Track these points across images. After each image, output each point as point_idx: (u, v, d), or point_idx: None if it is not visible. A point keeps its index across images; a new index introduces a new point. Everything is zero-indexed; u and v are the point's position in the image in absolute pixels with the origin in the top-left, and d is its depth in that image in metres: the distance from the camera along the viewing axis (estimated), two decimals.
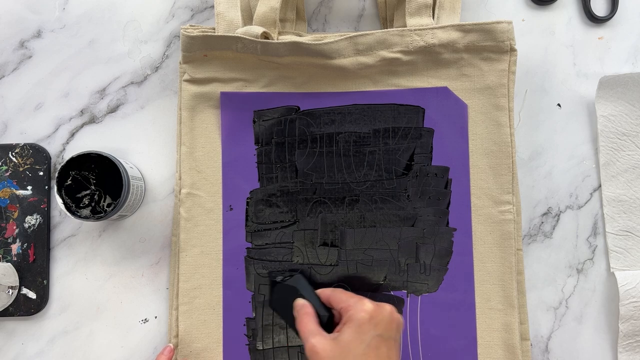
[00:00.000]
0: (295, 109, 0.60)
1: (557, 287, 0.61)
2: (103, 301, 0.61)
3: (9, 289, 0.59)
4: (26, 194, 0.61)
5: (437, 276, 0.59)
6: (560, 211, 0.62)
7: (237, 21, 0.58)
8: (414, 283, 0.59)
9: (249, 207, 0.59)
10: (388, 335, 0.50)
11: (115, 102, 0.63)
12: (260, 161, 0.60)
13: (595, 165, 0.63)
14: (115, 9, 0.64)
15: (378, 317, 0.50)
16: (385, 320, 0.50)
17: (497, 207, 0.58)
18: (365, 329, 0.49)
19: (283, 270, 0.59)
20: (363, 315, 0.50)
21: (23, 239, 0.61)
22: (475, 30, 0.58)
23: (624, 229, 0.61)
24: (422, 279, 0.59)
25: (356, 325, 0.49)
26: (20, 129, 0.63)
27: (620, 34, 0.64)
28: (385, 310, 0.51)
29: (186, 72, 0.59)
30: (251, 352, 0.58)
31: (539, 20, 0.64)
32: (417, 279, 0.59)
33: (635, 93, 0.61)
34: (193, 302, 0.58)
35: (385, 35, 0.58)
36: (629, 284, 0.59)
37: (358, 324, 0.49)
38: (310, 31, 0.64)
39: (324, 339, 0.50)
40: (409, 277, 0.59)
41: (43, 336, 0.61)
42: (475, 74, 0.59)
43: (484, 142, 0.59)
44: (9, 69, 0.63)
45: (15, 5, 0.64)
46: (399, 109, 0.59)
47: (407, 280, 0.59)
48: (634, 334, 0.60)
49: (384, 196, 0.59)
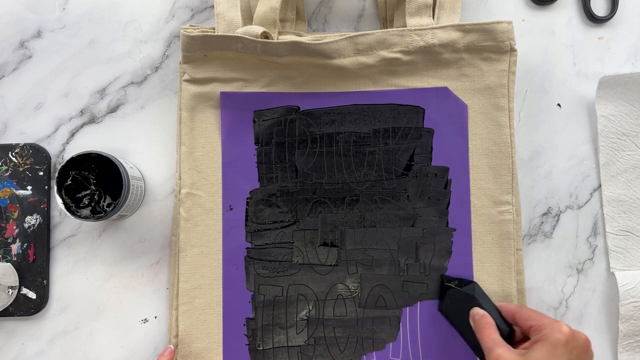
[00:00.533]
0: (295, 109, 0.60)
1: (557, 287, 0.61)
2: (103, 301, 0.61)
3: (9, 289, 0.59)
4: (26, 194, 0.61)
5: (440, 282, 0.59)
6: (560, 211, 0.62)
7: (237, 21, 0.58)
8: (414, 283, 0.59)
9: (249, 207, 0.59)
10: None
11: (115, 102, 0.63)
12: (260, 161, 0.60)
13: (595, 165, 0.63)
14: (115, 9, 0.64)
15: (574, 343, 0.48)
16: (580, 348, 0.48)
17: (497, 207, 0.58)
18: (560, 352, 0.47)
19: (454, 277, 0.58)
20: (560, 337, 0.47)
21: (23, 239, 0.61)
22: (475, 30, 0.58)
23: (624, 229, 0.61)
24: (422, 279, 0.59)
25: (551, 346, 0.47)
26: (20, 129, 0.63)
27: (620, 34, 0.64)
28: (581, 338, 0.49)
29: (186, 72, 0.59)
30: (251, 352, 0.59)
31: (539, 20, 0.64)
32: (417, 279, 0.59)
33: (635, 93, 0.61)
34: (193, 302, 0.58)
35: (385, 35, 0.58)
36: (628, 284, 0.59)
37: (553, 344, 0.47)
38: (310, 31, 0.64)
39: (511, 352, 0.48)
40: (408, 277, 0.59)
41: (43, 336, 0.61)
42: (475, 74, 0.59)
43: (483, 142, 0.59)
44: (9, 69, 0.63)
45: (15, 5, 0.64)
46: (399, 109, 0.59)
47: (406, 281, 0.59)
48: (634, 334, 0.60)
49: (383, 196, 0.59)
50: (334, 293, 0.59)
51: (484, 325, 0.51)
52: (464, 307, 0.54)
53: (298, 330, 0.59)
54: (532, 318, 0.50)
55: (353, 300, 0.59)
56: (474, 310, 0.53)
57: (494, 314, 0.53)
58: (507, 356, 0.47)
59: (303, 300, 0.59)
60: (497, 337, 0.50)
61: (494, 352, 0.48)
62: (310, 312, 0.59)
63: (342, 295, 0.59)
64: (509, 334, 0.52)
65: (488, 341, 0.49)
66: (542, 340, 0.48)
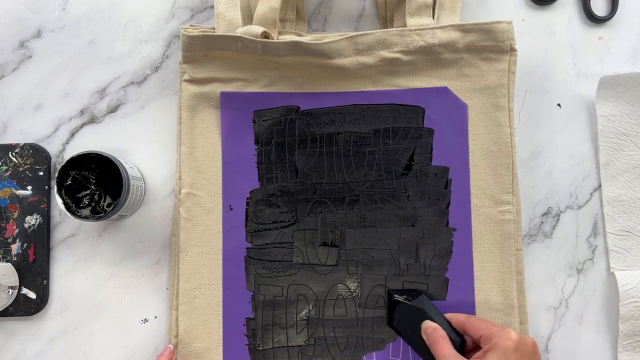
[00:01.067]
0: (295, 109, 0.60)
1: (557, 287, 0.61)
2: (103, 301, 0.61)
3: (9, 289, 0.59)
4: (26, 194, 0.61)
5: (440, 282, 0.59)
6: (560, 211, 0.62)
7: (237, 21, 0.58)
8: (414, 283, 0.59)
9: (249, 207, 0.59)
10: None
11: (115, 102, 0.63)
12: (260, 161, 0.60)
13: (595, 165, 0.63)
14: (115, 9, 0.64)
15: (523, 348, 0.50)
16: (529, 352, 0.50)
17: (497, 207, 0.58)
18: (511, 359, 0.49)
19: (402, 289, 0.58)
20: (510, 344, 0.49)
21: (23, 239, 0.61)
22: (475, 30, 0.58)
23: (624, 229, 0.61)
24: (422, 279, 0.59)
25: (502, 354, 0.49)
26: (20, 129, 0.63)
27: (620, 34, 0.64)
28: (529, 342, 0.51)
29: (186, 72, 0.59)
30: (251, 352, 0.58)
31: (539, 20, 0.64)
32: (417, 279, 0.59)
33: (635, 93, 0.61)
34: (193, 302, 0.58)
35: (385, 35, 0.58)
36: (629, 284, 0.59)
37: (504, 352, 0.49)
38: (310, 31, 0.64)
39: None
40: (408, 278, 0.59)
41: (43, 336, 0.61)
42: (475, 74, 0.59)
43: (484, 142, 0.59)
44: (9, 69, 0.63)
45: (15, 5, 0.64)
46: (399, 109, 0.59)
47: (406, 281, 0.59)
48: (634, 334, 0.60)
49: (384, 196, 0.59)
50: (334, 293, 0.59)
51: (437, 338, 0.52)
52: (415, 321, 0.55)
53: (298, 330, 0.59)
54: (482, 327, 0.52)
55: (353, 300, 0.59)
56: (426, 323, 0.54)
57: (444, 325, 0.54)
58: None
59: (303, 300, 0.59)
60: (450, 350, 0.51)
61: None
62: (310, 312, 0.59)
63: (342, 295, 0.59)
64: (461, 344, 0.53)
65: (443, 354, 0.51)
66: (493, 349, 0.49)
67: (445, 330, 0.53)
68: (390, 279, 0.59)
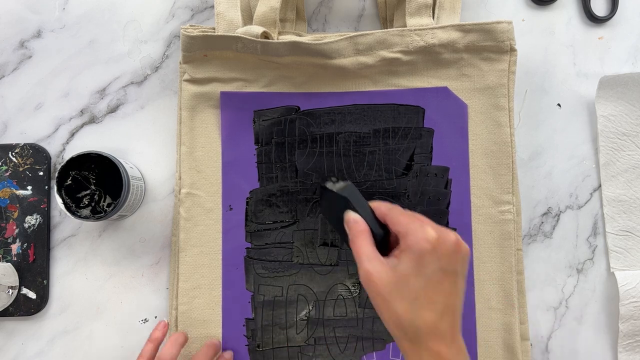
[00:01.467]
0: (295, 109, 0.60)
1: (557, 287, 0.61)
2: (103, 301, 0.61)
3: (9, 289, 0.59)
4: (26, 194, 0.61)
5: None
6: (560, 211, 0.62)
7: (237, 21, 0.58)
8: None
9: (249, 207, 0.59)
10: (452, 268, 0.45)
11: (115, 102, 0.63)
12: (260, 161, 0.60)
13: (595, 165, 0.63)
14: (115, 9, 0.64)
15: (441, 249, 0.44)
16: (449, 252, 0.44)
17: (497, 207, 0.58)
18: (427, 261, 0.44)
19: (337, 178, 0.54)
20: (425, 246, 0.44)
21: (23, 239, 0.61)
22: (475, 30, 0.58)
23: (624, 229, 0.61)
24: None
25: (417, 256, 0.44)
26: (20, 129, 0.63)
27: (620, 34, 0.64)
28: (449, 241, 0.45)
29: (186, 72, 0.59)
30: (251, 353, 0.58)
31: (539, 20, 0.64)
32: None
33: (636, 93, 0.61)
34: (193, 302, 0.58)
35: (385, 35, 0.58)
36: (629, 284, 0.59)
37: (419, 254, 0.44)
38: (310, 31, 0.64)
39: (381, 266, 0.45)
40: None
41: (43, 336, 0.61)
42: (475, 74, 0.59)
43: (484, 142, 0.59)
44: (9, 69, 0.63)
45: (15, 5, 0.64)
46: (399, 109, 0.59)
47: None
48: (634, 334, 0.60)
49: (384, 196, 0.59)
50: (334, 293, 0.59)
51: (356, 234, 0.47)
52: (339, 209, 0.50)
53: (298, 330, 0.59)
54: (400, 223, 0.46)
55: (353, 300, 0.59)
56: (348, 215, 0.49)
57: (367, 217, 0.48)
58: (377, 272, 0.44)
59: (303, 301, 0.59)
60: (368, 249, 0.46)
61: (364, 266, 0.45)
62: (310, 312, 0.59)
63: (342, 296, 0.59)
64: (384, 237, 0.48)
65: (359, 254, 0.46)
66: (409, 250, 0.44)
67: (369, 221, 0.48)
68: None
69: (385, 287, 0.44)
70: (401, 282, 0.44)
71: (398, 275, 0.44)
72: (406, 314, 0.43)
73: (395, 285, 0.44)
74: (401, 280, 0.44)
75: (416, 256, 0.44)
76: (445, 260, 0.44)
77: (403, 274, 0.44)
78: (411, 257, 0.44)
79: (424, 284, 0.44)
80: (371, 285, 0.44)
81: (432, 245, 0.44)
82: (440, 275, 0.44)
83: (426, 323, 0.43)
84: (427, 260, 0.44)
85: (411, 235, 0.45)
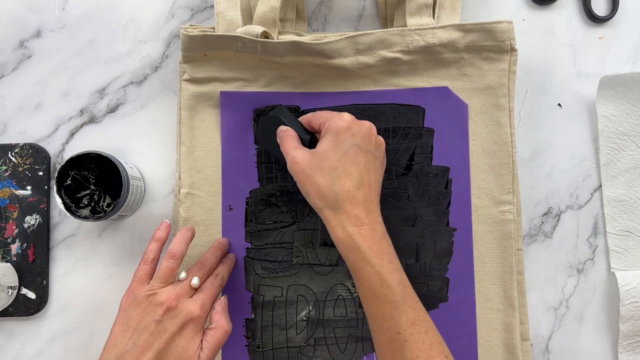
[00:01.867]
0: (295, 109, 0.60)
1: (558, 287, 0.61)
2: (103, 301, 0.61)
3: (8, 289, 0.59)
4: (26, 194, 0.61)
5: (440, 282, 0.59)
6: (561, 211, 0.62)
7: (237, 21, 0.58)
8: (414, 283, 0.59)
9: (249, 207, 0.59)
10: (366, 148, 0.51)
11: (115, 102, 0.63)
12: (260, 161, 0.60)
13: (596, 165, 0.62)
14: (115, 9, 0.64)
15: (356, 128, 0.51)
16: (363, 133, 0.51)
17: (498, 207, 0.58)
18: (343, 138, 0.50)
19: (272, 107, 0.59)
20: (341, 124, 0.51)
21: (22, 239, 0.61)
22: (475, 30, 0.58)
23: (625, 229, 0.61)
24: (423, 279, 0.59)
25: (333, 134, 0.51)
26: (20, 129, 0.63)
27: (620, 34, 0.64)
28: (364, 125, 0.52)
29: (186, 71, 0.59)
30: (250, 353, 0.58)
31: (539, 20, 0.64)
32: (417, 279, 0.59)
33: (636, 93, 0.61)
34: None
35: (385, 35, 0.58)
36: (629, 284, 0.59)
37: (335, 132, 0.50)
38: (310, 31, 0.64)
39: (303, 151, 0.52)
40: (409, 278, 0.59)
41: (43, 336, 0.61)
42: (476, 73, 0.59)
43: (484, 142, 0.59)
44: (9, 69, 0.63)
45: (15, 5, 0.64)
46: (399, 109, 0.59)
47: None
48: (634, 334, 0.60)
49: (384, 196, 0.59)
50: (334, 293, 0.59)
51: (284, 137, 0.54)
52: (272, 129, 0.56)
53: (298, 330, 0.59)
54: (321, 117, 0.53)
55: (353, 300, 0.59)
56: (279, 128, 0.56)
57: (296, 127, 0.55)
58: (300, 155, 0.51)
59: (303, 301, 0.59)
60: (294, 144, 0.53)
61: (289, 155, 0.52)
62: (310, 312, 0.59)
63: (342, 296, 0.59)
64: (310, 141, 0.55)
65: (286, 149, 0.53)
66: (327, 132, 0.51)
67: (297, 130, 0.55)
68: None
69: (307, 165, 0.50)
70: (321, 158, 0.50)
71: (318, 154, 0.51)
72: (325, 182, 0.50)
73: (316, 162, 0.50)
74: (321, 156, 0.50)
75: (333, 134, 0.51)
76: (359, 138, 0.51)
77: (322, 151, 0.50)
78: (329, 136, 0.51)
79: (340, 157, 0.50)
80: (295, 167, 0.51)
81: (348, 125, 0.51)
82: (355, 150, 0.50)
83: (343, 189, 0.49)
84: (343, 137, 0.50)
85: (329, 121, 0.52)
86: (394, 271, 0.49)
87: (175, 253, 0.52)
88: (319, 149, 0.51)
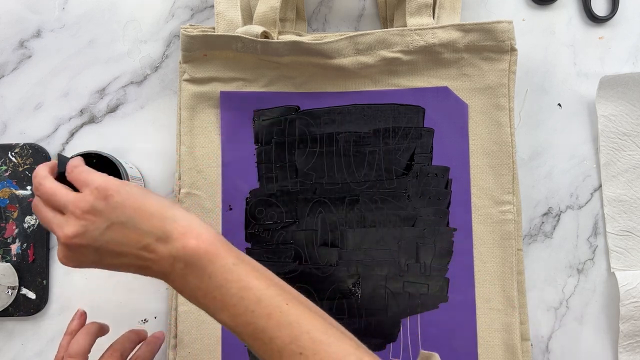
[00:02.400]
0: (295, 109, 0.60)
1: (558, 287, 0.61)
2: (103, 301, 0.61)
3: (8, 289, 0.59)
4: (26, 194, 0.61)
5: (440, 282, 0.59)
6: (561, 211, 0.62)
7: (237, 21, 0.58)
8: (414, 284, 0.59)
9: (249, 207, 0.59)
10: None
11: (115, 102, 0.63)
12: (260, 161, 0.60)
13: (596, 165, 0.62)
14: (115, 9, 0.64)
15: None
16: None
17: (498, 207, 0.58)
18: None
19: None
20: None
21: (22, 239, 0.61)
22: (475, 29, 0.58)
23: (625, 229, 0.61)
24: (423, 279, 0.59)
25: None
26: (20, 129, 0.63)
27: (620, 34, 0.64)
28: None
29: (186, 71, 0.59)
30: (250, 353, 0.58)
31: (539, 20, 0.64)
32: (417, 280, 0.59)
33: (636, 93, 0.61)
34: None
35: (385, 35, 0.58)
36: (629, 284, 0.59)
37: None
38: (310, 31, 0.64)
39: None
40: (409, 278, 0.59)
41: (43, 336, 0.61)
42: (476, 73, 0.59)
43: (484, 142, 0.59)
44: (9, 69, 0.63)
45: (15, 5, 0.64)
46: (399, 109, 0.59)
47: (407, 281, 0.59)
48: (634, 334, 0.60)
49: (384, 196, 0.59)
50: (334, 293, 0.59)
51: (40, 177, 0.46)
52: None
53: None
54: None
55: (353, 300, 0.59)
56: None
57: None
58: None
59: None
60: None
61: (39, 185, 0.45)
62: None
63: (342, 296, 0.59)
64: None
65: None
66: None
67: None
68: (391, 279, 0.59)
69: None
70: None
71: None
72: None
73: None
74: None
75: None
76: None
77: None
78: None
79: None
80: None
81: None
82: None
83: None
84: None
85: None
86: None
87: (78, 352, 0.49)
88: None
